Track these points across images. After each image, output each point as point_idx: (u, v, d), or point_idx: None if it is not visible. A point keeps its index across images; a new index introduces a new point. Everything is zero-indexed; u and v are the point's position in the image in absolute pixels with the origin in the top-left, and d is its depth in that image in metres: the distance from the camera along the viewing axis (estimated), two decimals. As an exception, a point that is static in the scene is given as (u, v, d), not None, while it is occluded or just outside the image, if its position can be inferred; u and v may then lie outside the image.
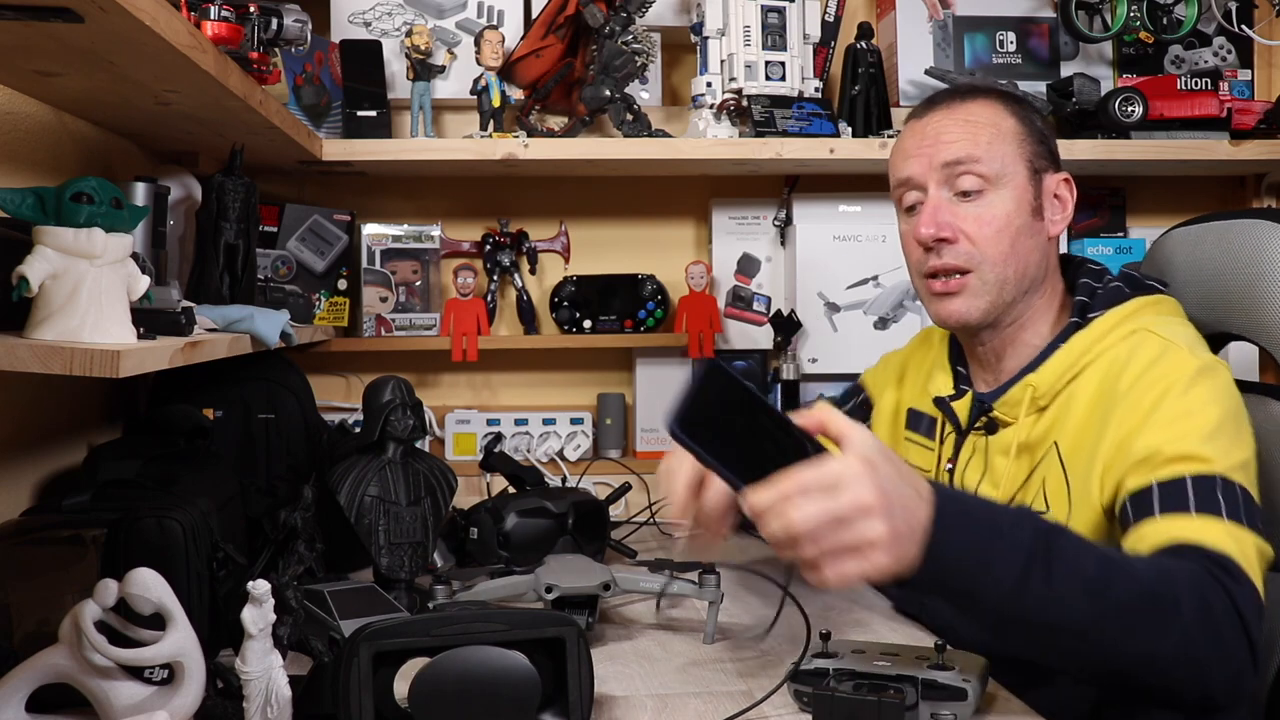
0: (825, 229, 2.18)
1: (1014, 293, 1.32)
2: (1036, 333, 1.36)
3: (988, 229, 1.30)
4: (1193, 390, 1.19)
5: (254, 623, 0.95)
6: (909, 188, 1.36)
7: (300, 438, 1.75)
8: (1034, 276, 1.34)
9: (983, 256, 1.30)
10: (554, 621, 0.98)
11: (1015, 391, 1.31)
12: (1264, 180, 2.25)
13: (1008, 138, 1.33)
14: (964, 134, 1.32)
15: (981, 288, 1.31)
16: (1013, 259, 1.31)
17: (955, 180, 1.32)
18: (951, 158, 1.31)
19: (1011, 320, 1.35)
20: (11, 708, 0.99)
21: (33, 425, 1.52)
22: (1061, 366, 1.29)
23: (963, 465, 1.38)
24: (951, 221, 1.31)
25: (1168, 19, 2.13)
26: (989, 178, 1.31)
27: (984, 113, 1.34)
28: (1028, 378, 1.31)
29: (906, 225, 1.38)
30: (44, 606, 1.13)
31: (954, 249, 1.31)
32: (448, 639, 0.94)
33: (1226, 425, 1.18)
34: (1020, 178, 1.32)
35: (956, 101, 1.36)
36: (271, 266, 1.92)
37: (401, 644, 0.94)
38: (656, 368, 2.23)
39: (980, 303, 1.32)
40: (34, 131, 1.43)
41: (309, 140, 1.82)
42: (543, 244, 2.24)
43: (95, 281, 1.02)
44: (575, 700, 0.95)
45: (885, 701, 0.99)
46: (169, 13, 1.09)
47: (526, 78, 2.06)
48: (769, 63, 2.03)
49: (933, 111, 1.36)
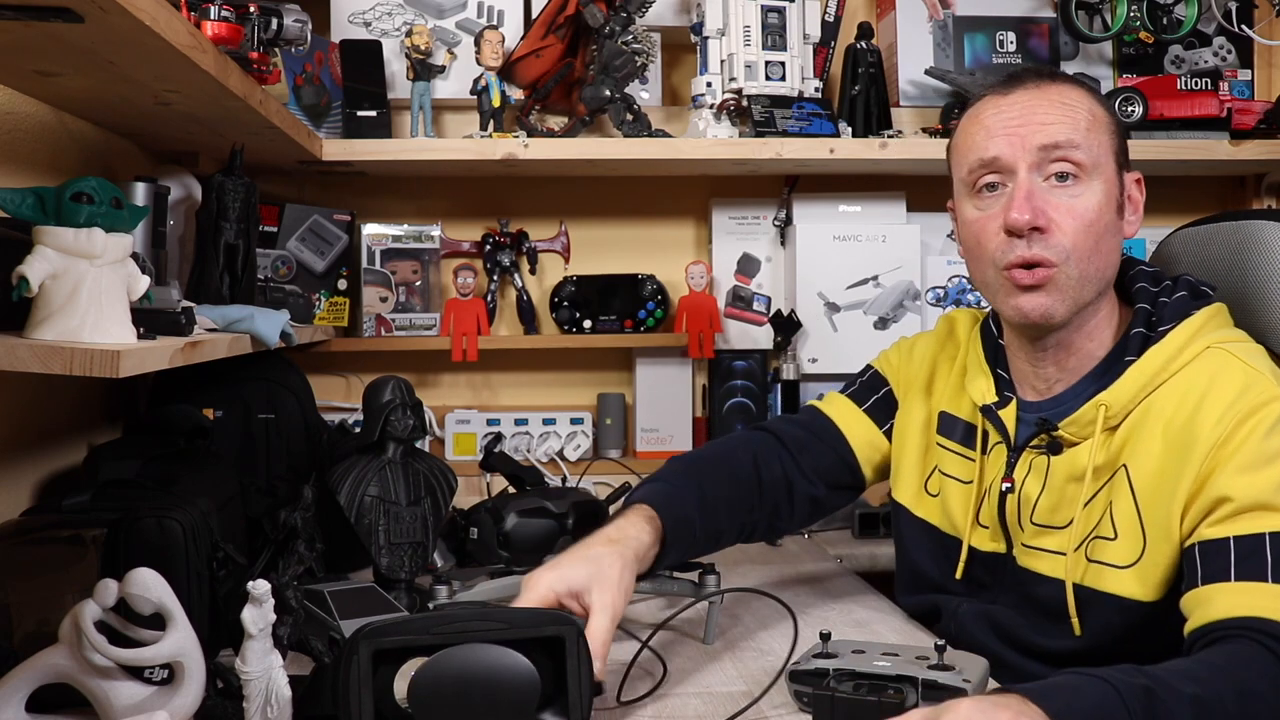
0: (825, 229, 2.18)
1: (1093, 293, 1.23)
2: (1099, 341, 1.26)
3: (1079, 222, 1.20)
4: (1277, 432, 1.12)
5: (254, 623, 0.95)
6: (992, 169, 1.24)
7: (300, 438, 1.75)
8: (1109, 279, 1.25)
9: (1071, 250, 1.20)
10: (554, 620, 0.97)
11: (1087, 411, 1.21)
12: (1264, 180, 2.25)
13: (1102, 126, 1.24)
14: (1062, 116, 1.22)
15: (1066, 283, 1.21)
16: (1097, 256, 1.21)
17: (1049, 165, 1.21)
18: (1050, 140, 1.21)
19: (1080, 323, 1.25)
20: (11, 708, 0.99)
21: (33, 425, 1.52)
22: (1137, 385, 1.20)
23: (1019, 483, 1.27)
24: (1045, 209, 1.20)
25: (1168, 19, 2.13)
26: (1085, 166, 1.21)
27: (1079, 97, 1.24)
28: (1100, 397, 1.21)
29: (979, 211, 1.26)
30: (44, 606, 1.13)
31: (1045, 239, 1.20)
32: (447, 637, 0.94)
33: None
34: (1110, 170, 1.23)
35: (1046, 82, 1.25)
36: (271, 266, 1.92)
37: (401, 642, 0.94)
38: (656, 368, 2.23)
39: (1065, 299, 1.21)
40: (34, 131, 1.43)
41: (309, 140, 1.82)
42: (543, 244, 2.24)
43: (95, 281, 1.02)
44: (575, 700, 0.95)
45: (885, 701, 0.99)
46: (169, 13, 1.09)
47: (526, 78, 2.06)
48: (769, 63, 2.03)
49: (1018, 89, 1.25)
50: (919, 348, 1.48)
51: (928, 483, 1.40)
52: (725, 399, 2.20)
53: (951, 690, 1.01)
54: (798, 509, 1.44)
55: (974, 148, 1.26)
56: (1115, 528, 1.19)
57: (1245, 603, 1.05)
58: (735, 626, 1.38)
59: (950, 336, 1.45)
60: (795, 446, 1.44)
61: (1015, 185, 1.22)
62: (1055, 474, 1.24)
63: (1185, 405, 1.16)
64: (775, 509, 1.42)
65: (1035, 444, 1.26)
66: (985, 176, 1.24)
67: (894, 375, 1.48)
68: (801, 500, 1.43)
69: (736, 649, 1.30)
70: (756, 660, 1.26)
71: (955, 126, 1.33)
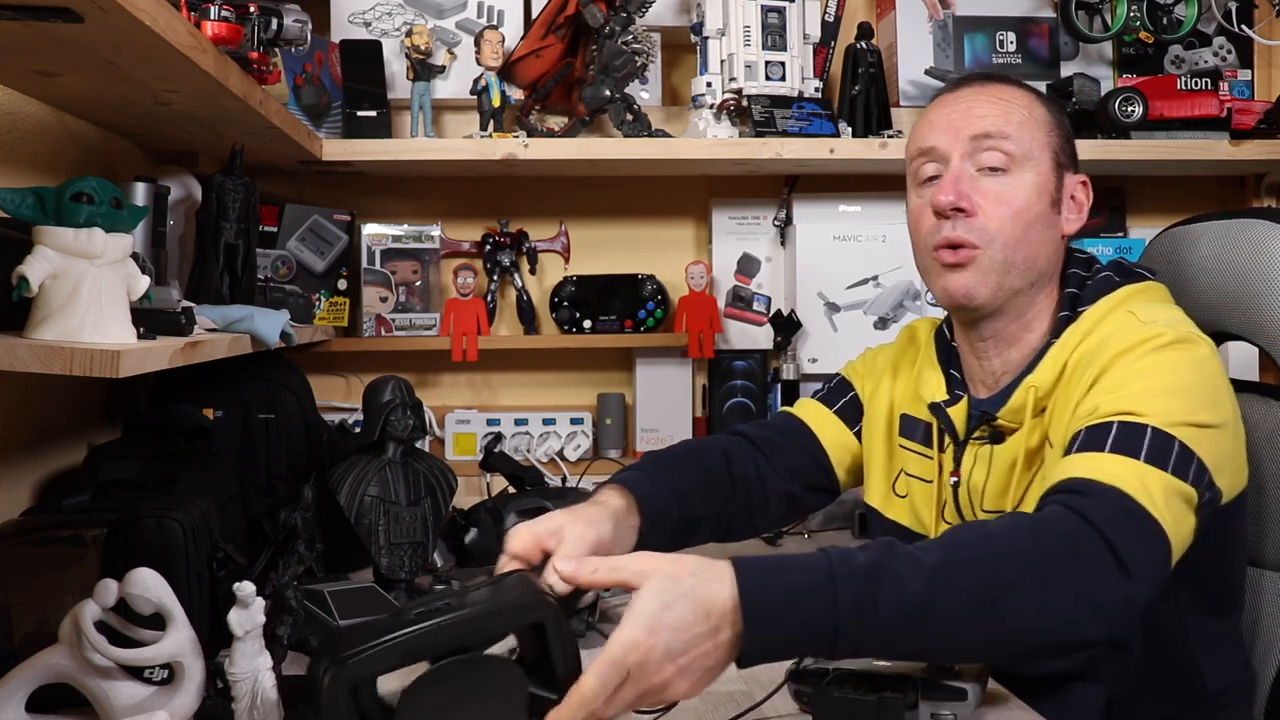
0: (825, 229, 2.18)
1: (1019, 281, 1.27)
2: (1039, 333, 1.31)
3: (1006, 208, 1.26)
4: (1153, 356, 1.14)
5: (240, 625, 0.95)
6: (930, 158, 1.31)
7: (300, 438, 1.75)
8: (1041, 270, 1.29)
9: (995, 234, 1.26)
10: (531, 607, 0.92)
11: (1018, 396, 1.26)
12: (1264, 180, 2.25)
13: (1039, 123, 1.29)
14: (996, 110, 1.28)
15: (989, 265, 1.26)
16: (1024, 245, 1.26)
17: (980, 155, 1.27)
18: (980, 131, 1.27)
19: (1015, 314, 1.30)
20: (11, 708, 0.99)
21: (33, 425, 1.52)
22: (1058, 364, 1.25)
23: (966, 475, 1.32)
24: (971, 194, 1.26)
25: (1168, 19, 2.13)
26: (1015, 157, 1.27)
27: (1018, 96, 1.31)
28: (1028, 379, 1.26)
29: (919, 199, 1.32)
30: (44, 606, 1.13)
31: (969, 222, 1.26)
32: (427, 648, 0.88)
33: (1188, 392, 1.12)
34: (1044, 165, 1.28)
35: (992, 83, 1.32)
36: (271, 266, 1.92)
37: (375, 669, 0.87)
38: (656, 368, 2.23)
39: (988, 280, 1.26)
40: (34, 131, 1.43)
41: (309, 140, 1.82)
42: (543, 244, 2.24)
43: (95, 281, 1.02)
44: (562, 675, 0.91)
45: (885, 701, 0.99)
46: (169, 13, 1.09)
47: (526, 78, 2.06)
48: (769, 63, 2.03)
49: (964, 88, 1.33)
50: (881, 355, 1.53)
51: (895, 484, 1.41)
52: (725, 399, 2.20)
53: (952, 690, 1.01)
54: (773, 505, 1.43)
55: (917, 138, 1.34)
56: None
57: (1070, 469, 1.06)
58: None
59: (911, 342, 1.49)
60: (767, 447, 1.44)
61: (947, 171, 1.29)
62: (998, 461, 1.28)
63: (1084, 360, 1.20)
64: (749, 504, 1.42)
65: (978, 436, 1.30)
66: (925, 166, 1.32)
67: (859, 381, 1.52)
68: (776, 497, 1.43)
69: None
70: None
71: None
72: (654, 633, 0.88)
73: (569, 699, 0.87)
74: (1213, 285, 1.40)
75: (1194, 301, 1.40)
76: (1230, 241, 1.40)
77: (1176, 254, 1.48)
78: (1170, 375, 1.13)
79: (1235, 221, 1.41)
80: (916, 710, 1.01)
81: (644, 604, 0.89)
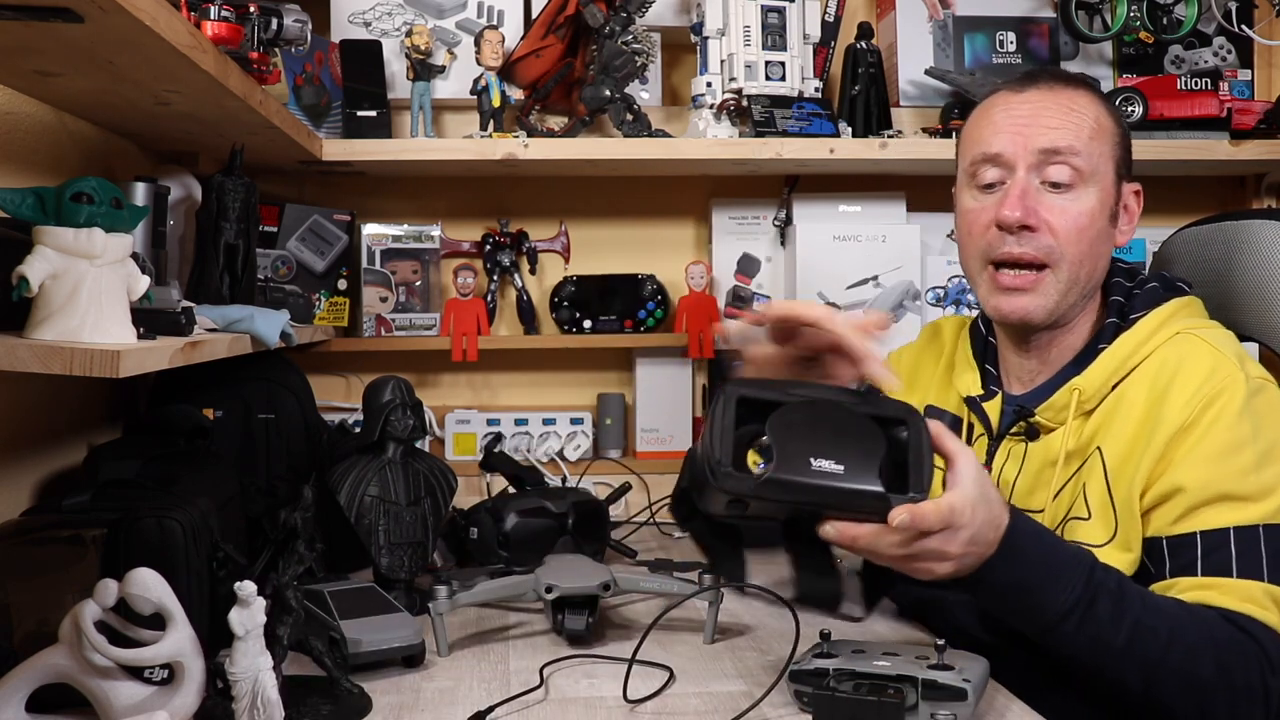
0: (825, 229, 2.18)
1: (1078, 296, 1.27)
2: (1079, 334, 1.31)
3: (1071, 225, 1.24)
4: (1243, 418, 1.16)
5: (241, 624, 0.95)
6: (993, 164, 1.28)
7: (300, 438, 1.75)
8: (1096, 283, 1.29)
9: (1062, 253, 1.24)
10: (901, 408, 1.04)
11: (1061, 395, 1.26)
12: (1264, 180, 2.24)
13: (1106, 135, 1.27)
14: (1067, 122, 1.25)
15: (1054, 286, 1.25)
16: (1087, 261, 1.26)
17: (1048, 169, 1.25)
18: (1051, 145, 1.24)
19: (1064, 323, 1.30)
20: (11, 708, 0.99)
21: (33, 425, 1.52)
22: (1108, 370, 1.24)
23: (997, 471, 1.32)
24: (1038, 209, 1.24)
25: (1168, 19, 2.13)
26: (1083, 173, 1.25)
27: (1087, 105, 1.27)
28: (1074, 381, 1.25)
29: (976, 202, 1.30)
30: (44, 606, 1.13)
31: (1035, 239, 1.24)
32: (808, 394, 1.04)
33: (1275, 451, 1.16)
34: (1108, 179, 1.27)
35: (1060, 85, 1.28)
36: (271, 266, 1.92)
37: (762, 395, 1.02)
38: (656, 368, 2.22)
39: (1048, 302, 1.26)
40: (34, 131, 1.43)
41: (309, 140, 1.82)
42: (543, 244, 2.24)
43: (95, 281, 1.02)
44: (915, 480, 1.01)
45: (885, 701, 0.99)
46: (169, 13, 1.10)
47: (526, 78, 2.06)
48: (769, 63, 2.03)
49: (1031, 89, 1.28)
50: (904, 354, 1.54)
51: None
52: (725, 399, 2.20)
53: (952, 690, 1.01)
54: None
55: (979, 141, 1.30)
56: (1089, 508, 1.23)
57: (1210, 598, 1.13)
58: (735, 626, 1.38)
59: (935, 339, 1.50)
60: None
61: (1012, 183, 1.26)
62: (1032, 458, 1.29)
63: (1155, 389, 1.21)
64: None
65: (1014, 431, 1.31)
66: (986, 170, 1.28)
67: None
68: None
69: (737, 648, 1.30)
70: (757, 660, 1.26)
71: (956, 126, 1.35)
72: (975, 513, 1.00)
73: (926, 506, 0.97)
74: (1224, 287, 1.41)
75: (1206, 304, 1.40)
76: (1241, 243, 1.40)
77: (1187, 256, 1.48)
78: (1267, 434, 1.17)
79: (1246, 223, 1.41)
80: (916, 710, 1.02)
81: (970, 484, 1.01)
